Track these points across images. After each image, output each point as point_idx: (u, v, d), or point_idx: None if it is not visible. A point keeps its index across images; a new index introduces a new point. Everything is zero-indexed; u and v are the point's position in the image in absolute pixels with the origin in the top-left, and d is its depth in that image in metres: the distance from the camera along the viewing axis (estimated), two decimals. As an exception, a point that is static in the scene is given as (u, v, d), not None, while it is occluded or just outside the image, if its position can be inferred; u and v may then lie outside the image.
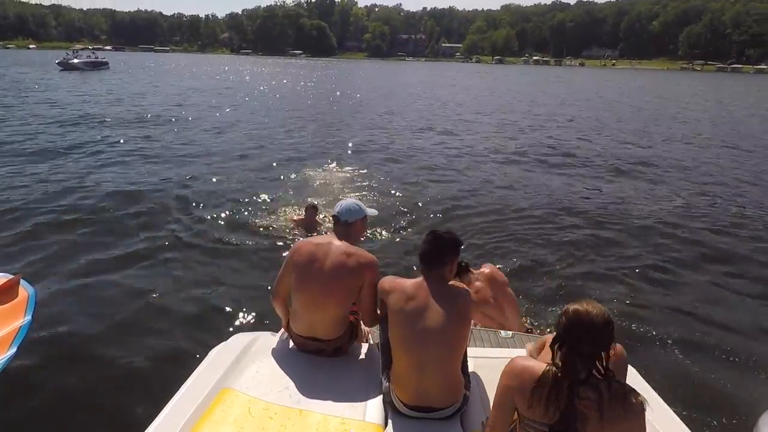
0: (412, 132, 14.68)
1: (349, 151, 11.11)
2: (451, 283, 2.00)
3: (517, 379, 1.52)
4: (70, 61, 40.18)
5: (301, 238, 4.44)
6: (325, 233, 2.71)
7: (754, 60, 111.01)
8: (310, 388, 2.04)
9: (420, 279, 1.98)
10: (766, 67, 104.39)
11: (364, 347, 2.43)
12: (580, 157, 11.43)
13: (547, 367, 1.48)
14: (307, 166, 9.29)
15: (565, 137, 14.37)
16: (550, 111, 21.78)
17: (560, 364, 1.46)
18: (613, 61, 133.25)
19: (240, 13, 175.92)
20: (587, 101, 27.70)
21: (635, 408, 1.40)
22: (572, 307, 1.47)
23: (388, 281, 2.04)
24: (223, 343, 2.38)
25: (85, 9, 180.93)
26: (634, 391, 1.43)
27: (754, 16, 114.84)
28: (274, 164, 9.40)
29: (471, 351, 2.12)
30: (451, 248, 2.01)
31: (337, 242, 2.27)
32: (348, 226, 2.32)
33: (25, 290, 3.11)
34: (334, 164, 9.51)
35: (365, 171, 9.10)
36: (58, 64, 39.61)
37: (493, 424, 1.61)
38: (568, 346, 1.45)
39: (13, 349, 2.59)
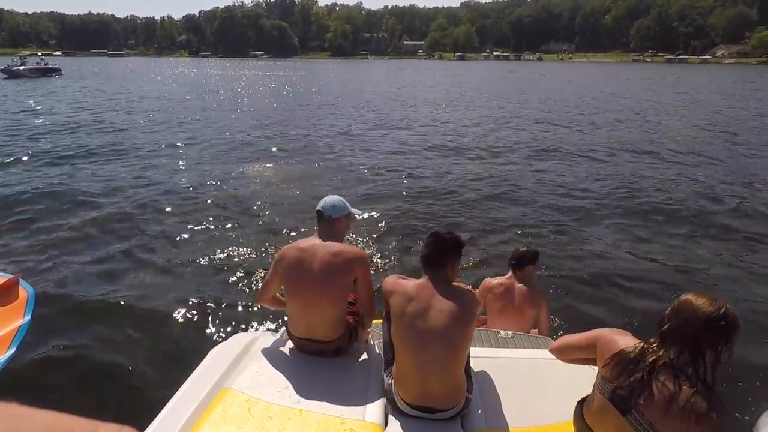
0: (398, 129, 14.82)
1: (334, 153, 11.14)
2: (455, 283, 1.97)
3: (604, 340, 1.62)
4: (15, 68, 37.72)
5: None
6: None
7: (699, 50, 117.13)
8: (310, 388, 2.03)
9: (423, 280, 1.97)
10: (710, 57, 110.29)
11: (364, 347, 2.44)
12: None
13: (639, 342, 1.53)
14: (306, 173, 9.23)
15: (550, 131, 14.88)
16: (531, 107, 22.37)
17: (655, 341, 1.50)
18: (570, 54, 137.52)
19: (197, 14, 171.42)
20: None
21: (707, 422, 1.33)
22: (688, 295, 1.49)
23: (390, 282, 2.02)
24: (223, 343, 2.41)
25: (29, 13, 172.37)
26: (717, 408, 1.34)
27: (698, 9, 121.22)
28: (269, 171, 9.27)
29: (471, 351, 2.13)
30: (453, 249, 1.98)
31: (322, 242, 2.25)
32: (332, 222, 2.29)
33: (24, 290, 3.09)
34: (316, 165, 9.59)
35: (348, 173, 9.20)
36: (2, 71, 37.14)
37: (563, 345, 1.83)
38: (667, 328, 1.48)
39: (13, 349, 2.58)
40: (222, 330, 3.70)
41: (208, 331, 3.73)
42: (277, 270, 2.30)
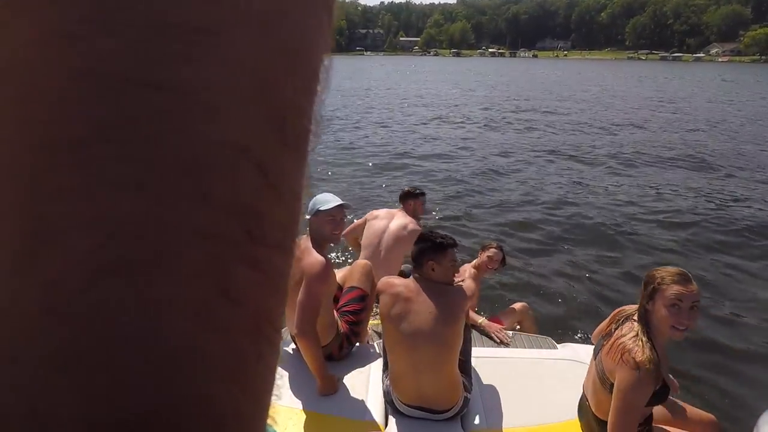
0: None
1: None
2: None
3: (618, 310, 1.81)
4: None
5: None
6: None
7: (694, 49, 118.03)
8: (310, 388, 2.01)
9: (410, 280, 1.96)
10: (703, 55, 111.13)
11: (364, 348, 2.43)
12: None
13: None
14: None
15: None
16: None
17: None
18: (565, 52, 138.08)
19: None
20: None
21: (626, 361, 1.52)
22: None
23: (382, 283, 2.00)
24: None
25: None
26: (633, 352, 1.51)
27: (692, 7, 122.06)
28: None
29: (471, 351, 2.13)
30: (427, 250, 1.92)
31: (305, 245, 2.10)
32: (309, 223, 2.12)
33: None
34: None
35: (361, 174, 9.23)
36: None
37: (598, 331, 1.93)
38: None
39: None
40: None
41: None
42: None
